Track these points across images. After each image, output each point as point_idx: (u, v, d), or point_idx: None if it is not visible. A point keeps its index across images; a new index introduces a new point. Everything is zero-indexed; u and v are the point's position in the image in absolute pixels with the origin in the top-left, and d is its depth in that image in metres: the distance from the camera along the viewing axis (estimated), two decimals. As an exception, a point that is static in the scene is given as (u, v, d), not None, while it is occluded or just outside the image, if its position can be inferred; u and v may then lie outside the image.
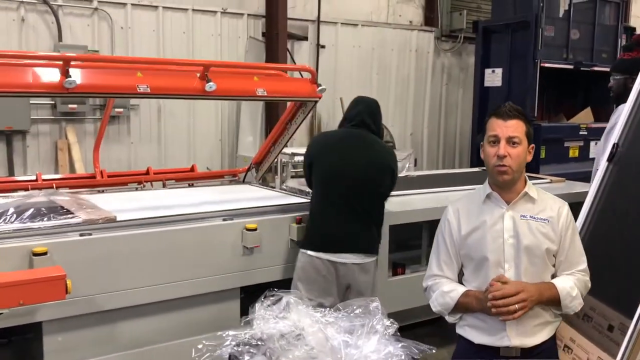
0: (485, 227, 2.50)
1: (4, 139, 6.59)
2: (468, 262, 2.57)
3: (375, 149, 3.78)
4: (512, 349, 2.45)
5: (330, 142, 3.88)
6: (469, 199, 2.65)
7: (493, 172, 2.46)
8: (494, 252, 2.47)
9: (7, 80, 3.19)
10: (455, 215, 2.60)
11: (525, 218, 2.48)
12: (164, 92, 3.75)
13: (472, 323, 2.54)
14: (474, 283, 2.54)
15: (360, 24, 9.16)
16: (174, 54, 7.47)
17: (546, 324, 2.51)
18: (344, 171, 3.66)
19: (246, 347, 2.31)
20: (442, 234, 2.63)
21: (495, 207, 2.52)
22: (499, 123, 2.44)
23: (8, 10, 6.55)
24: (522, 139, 2.43)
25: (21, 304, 2.65)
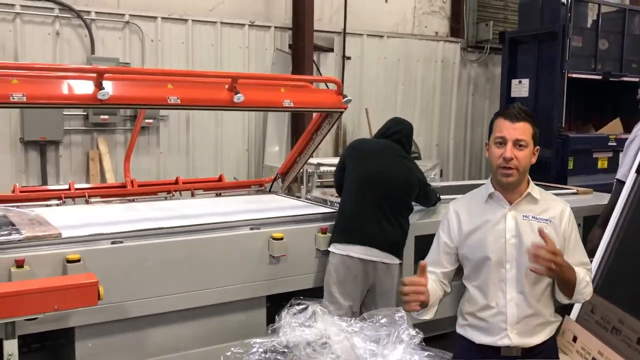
0: (487, 227, 2.49)
1: (38, 149, 6.78)
2: (469, 261, 2.55)
3: (410, 163, 4.06)
4: (513, 349, 2.44)
5: (370, 148, 4.11)
6: (471, 198, 2.64)
7: (497, 173, 2.45)
8: (496, 252, 2.46)
9: (44, 92, 3.31)
10: (456, 215, 2.59)
11: (528, 218, 2.47)
12: (194, 104, 3.83)
13: (473, 323, 2.53)
14: (475, 282, 2.53)
15: (385, 36, 9.20)
16: (202, 66, 7.60)
17: (546, 324, 2.50)
18: (380, 176, 3.86)
19: (273, 354, 2.34)
20: (441, 232, 2.63)
21: (498, 207, 2.51)
22: (506, 125, 2.42)
23: (44, 24, 6.76)
24: (529, 142, 2.43)
25: (56, 309, 2.73)
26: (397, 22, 9.41)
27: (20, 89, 3.19)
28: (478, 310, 2.53)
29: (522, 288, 2.46)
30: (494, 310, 2.48)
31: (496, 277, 2.45)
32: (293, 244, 3.84)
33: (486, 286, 2.47)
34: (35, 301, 2.68)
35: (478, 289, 2.51)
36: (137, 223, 3.68)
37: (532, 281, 2.45)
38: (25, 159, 6.76)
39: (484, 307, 2.51)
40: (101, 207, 4.35)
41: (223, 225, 3.81)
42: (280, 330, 2.51)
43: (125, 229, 3.52)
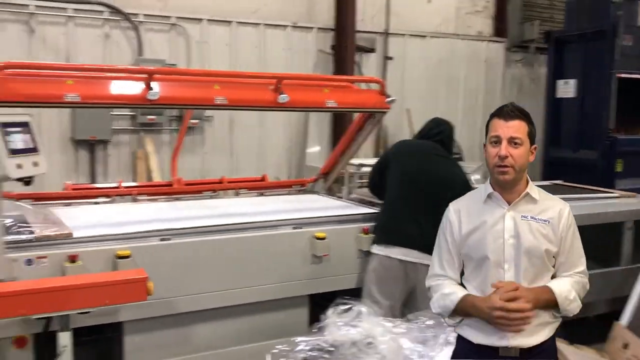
0: (485, 227, 2.49)
1: (88, 148, 7.00)
2: (468, 261, 2.55)
3: (451, 163, 4.00)
4: (512, 349, 2.42)
5: (412, 148, 4.09)
6: (471, 199, 2.63)
7: (494, 172, 2.45)
8: (494, 252, 2.45)
9: (97, 93, 3.41)
10: (457, 215, 2.59)
11: (526, 219, 2.46)
12: (240, 104, 3.89)
13: (471, 323, 2.50)
14: (473, 282, 2.53)
15: (428, 36, 9.13)
16: (245, 67, 7.69)
17: (545, 324, 2.48)
18: (422, 177, 3.83)
19: (319, 352, 2.37)
20: (444, 233, 2.62)
21: (497, 207, 2.51)
22: (500, 124, 2.43)
23: (94, 27, 6.97)
24: (524, 140, 2.42)
25: (107, 303, 2.82)
26: (439, 22, 9.34)
27: (74, 90, 3.30)
28: None
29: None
30: None
31: (495, 277, 2.44)
32: (335, 243, 3.86)
33: (485, 286, 2.46)
34: (88, 295, 2.77)
35: (477, 289, 2.50)
36: (184, 221, 3.76)
37: (530, 282, 2.45)
38: (76, 157, 6.98)
39: None
40: (149, 205, 4.45)
41: (267, 224, 3.85)
42: (325, 329, 2.55)
43: (172, 226, 3.60)
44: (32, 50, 6.68)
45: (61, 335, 2.81)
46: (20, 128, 2.93)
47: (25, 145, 2.92)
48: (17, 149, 2.86)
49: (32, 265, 3.06)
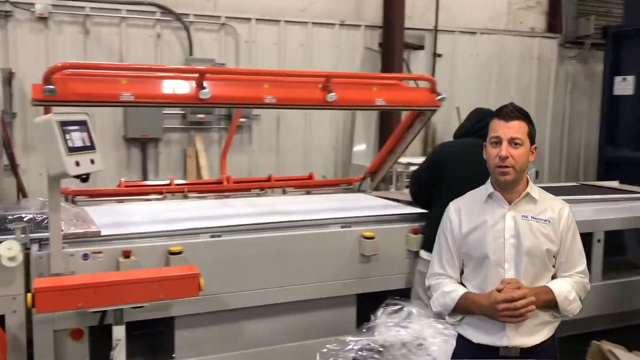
0: (486, 227, 2.50)
1: (140, 146, 7.17)
2: (468, 260, 2.56)
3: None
4: (512, 349, 2.43)
5: (460, 150, 3.82)
6: (471, 198, 2.64)
7: (495, 172, 2.46)
8: (495, 252, 2.46)
9: (150, 92, 3.48)
10: (457, 214, 2.60)
11: (527, 218, 2.47)
12: (288, 103, 3.90)
13: (472, 322, 2.51)
14: (473, 282, 2.53)
15: (478, 32, 8.97)
16: (293, 66, 7.74)
17: (545, 324, 2.48)
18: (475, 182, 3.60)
19: (369, 352, 2.35)
20: (444, 232, 2.63)
21: (497, 207, 2.52)
22: (500, 124, 2.44)
23: (146, 27, 7.14)
24: (524, 140, 2.43)
25: (160, 298, 2.87)
26: (490, 18, 9.16)
27: (129, 89, 3.38)
28: None
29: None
30: None
31: (495, 276, 2.45)
32: (384, 243, 3.82)
33: (485, 286, 2.47)
34: (143, 290, 2.83)
35: (477, 288, 2.51)
36: (233, 218, 3.80)
37: (530, 281, 2.44)
38: (128, 155, 7.17)
39: None
40: (199, 202, 4.52)
41: (315, 222, 3.85)
42: (375, 329, 2.52)
43: (222, 223, 3.64)
44: (88, 51, 6.89)
45: (116, 328, 2.87)
46: (78, 126, 3.01)
47: (83, 143, 3.00)
48: (75, 147, 2.94)
49: (88, 260, 3.15)
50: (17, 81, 6.61)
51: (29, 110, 6.59)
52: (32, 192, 6.30)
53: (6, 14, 6.54)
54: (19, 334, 3.07)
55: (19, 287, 3.04)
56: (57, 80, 3.19)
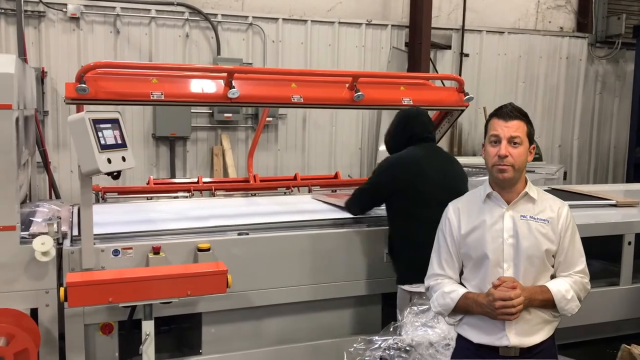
0: (485, 227, 2.50)
1: (168, 144, 7.26)
2: (467, 260, 2.56)
3: (455, 161, 3.71)
4: (511, 349, 2.43)
5: (420, 163, 3.46)
6: (470, 198, 2.64)
7: (493, 171, 2.47)
8: (494, 252, 2.46)
9: (180, 91, 3.53)
10: (456, 214, 2.60)
11: (525, 218, 2.48)
12: (316, 102, 3.92)
13: (471, 322, 2.51)
14: (473, 282, 2.53)
15: (506, 32, 8.88)
16: (319, 66, 7.76)
17: (545, 324, 2.48)
18: (443, 191, 3.27)
19: (396, 351, 2.36)
20: (443, 233, 2.63)
21: (496, 207, 2.52)
22: (500, 123, 2.45)
23: (175, 27, 7.22)
24: (523, 139, 2.44)
25: (188, 294, 2.91)
26: (518, 18, 9.06)
27: (159, 88, 3.44)
28: None
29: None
30: None
31: (494, 276, 2.44)
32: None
33: (484, 286, 2.46)
34: (171, 286, 2.87)
35: (476, 288, 2.51)
36: (260, 216, 3.84)
37: (529, 281, 2.44)
38: (156, 153, 7.27)
39: None
40: (226, 200, 4.57)
41: (341, 221, 3.87)
42: (402, 328, 2.53)
43: (249, 221, 3.68)
44: (118, 50, 7.00)
45: (145, 323, 2.92)
46: (110, 124, 3.07)
47: (115, 141, 3.06)
48: (107, 145, 3.00)
49: (119, 256, 3.21)
50: (49, 80, 6.75)
51: (60, 108, 6.73)
52: (63, 189, 6.44)
53: (39, 15, 6.68)
54: (52, 328, 3.14)
55: (52, 281, 3.12)
56: (89, 79, 3.26)
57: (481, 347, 2.48)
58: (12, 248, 3.03)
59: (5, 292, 3.02)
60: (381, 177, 3.52)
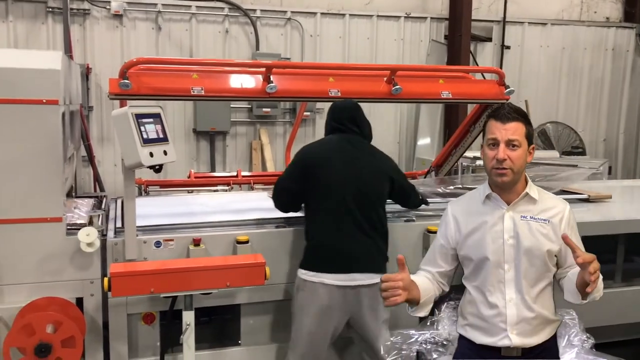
0: (485, 228, 2.48)
1: (208, 138, 7.37)
2: (468, 262, 2.55)
3: (372, 155, 3.47)
4: (513, 349, 2.42)
5: (326, 152, 3.35)
6: (469, 199, 2.63)
7: (492, 174, 2.45)
8: (494, 253, 2.45)
9: (220, 86, 3.58)
10: (454, 216, 2.60)
11: (526, 219, 2.46)
12: (353, 96, 3.89)
13: (473, 323, 2.51)
14: (474, 282, 2.53)
15: (549, 23, 8.68)
16: (357, 59, 7.75)
17: (547, 324, 2.47)
18: (347, 181, 3.24)
19: (434, 345, 2.36)
20: (438, 232, 2.66)
21: (495, 208, 2.51)
22: (497, 126, 2.41)
23: (215, 23, 7.32)
24: (522, 141, 2.41)
25: (228, 285, 2.96)
26: (562, 9, 8.84)
27: (199, 83, 3.49)
28: (478, 311, 2.51)
29: (521, 288, 2.44)
30: (494, 310, 2.46)
31: (495, 277, 2.45)
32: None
33: (485, 287, 2.47)
34: (211, 277, 2.93)
35: (477, 289, 2.51)
36: (297, 210, 3.85)
37: (530, 282, 2.44)
38: (197, 147, 7.39)
39: (484, 307, 2.49)
40: (265, 193, 4.61)
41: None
42: (439, 323, 2.53)
43: (287, 214, 3.70)
44: (159, 46, 7.13)
45: (185, 313, 2.99)
46: (152, 119, 3.13)
47: (157, 135, 3.12)
48: (149, 139, 3.06)
49: (160, 247, 3.29)
50: (94, 76, 6.94)
51: (104, 103, 6.91)
52: (107, 182, 6.61)
53: (84, 12, 6.86)
54: (96, 317, 3.24)
55: (96, 271, 3.21)
56: (132, 74, 3.33)
57: (483, 348, 2.47)
58: (59, 239, 3.13)
59: (52, 282, 3.13)
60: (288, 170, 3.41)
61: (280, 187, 3.38)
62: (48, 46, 6.73)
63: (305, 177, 3.27)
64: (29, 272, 3.10)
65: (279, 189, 3.39)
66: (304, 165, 3.31)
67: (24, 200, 3.05)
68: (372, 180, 3.31)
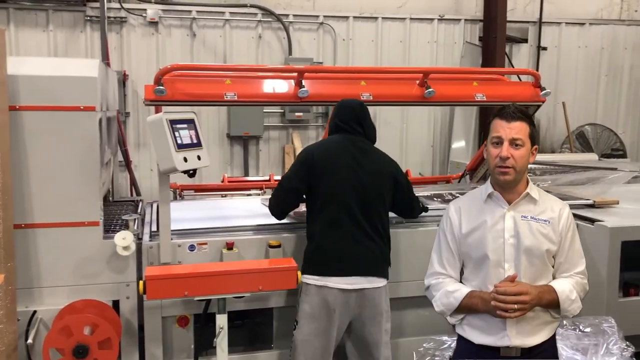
0: (485, 227, 2.50)
1: (242, 143, 7.44)
2: (468, 260, 2.57)
3: (376, 156, 3.38)
4: (512, 349, 2.44)
5: (329, 155, 3.27)
6: (471, 198, 2.65)
7: (495, 172, 2.48)
8: (495, 252, 2.47)
9: (252, 91, 3.62)
10: (457, 213, 2.61)
11: (526, 219, 2.49)
12: (386, 100, 3.90)
13: (473, 323, 2.52)
14: (474, 282, 2.54)
15: (587, 23, 8.49)
16: (390, 63, 7.72)
17: (546, 324, 2.48)
18: (351, 185, 3.20)
19: (466, 352, 2.32)
20: (444, 232, 2.63)
21: (497, 207, 2.53)
22: (502, 125, 2.45)
23: (248, 29, 7.38)
24: (525, 141, 2.44)
25: (260, 289, 2.98)
26: (601, 8, 8.63)
27: (233, 89, 3.54)
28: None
29: None
30: None
31: (495, 277, 2.45)
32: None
33: (485, 286, 2.47)
34: (244, 281, 2.94)
35: (477, 289, 2.51)
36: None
37: (530, 281, 2.44)
38: (231, 152, 7.46)
39: None
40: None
41: (412, 220, 3.82)
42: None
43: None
44: (194, 52, 7.23)
45: (219, 317, 3.01)
46: (186, 124, 3.18)
47: (191, 140, 3.17)
48: (184, 144, 3.11)
49: (194, 251, 3.33)
50: (130, 82, 7.08)
51: (141, 109, 7.04)
52: (143, 187, 6.73)
53: (121, 20, 7.01)
54: (132, 319, 3.29)
55: (132, 275, 3.27)
56: (167, 81, 3.39)
57: (482, 348, 2.48)
58: (96, 243, 3.20)
59: (90, 285, 3.20)
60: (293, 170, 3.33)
61: (287, 188, 3.30)
62: (86, 54, 6.90)
63: (309, 177, 3.23)
64: (67, 275, 3.18)
65: (285, 189, 3.30)
66: (309, 165, 3.23)
67: (62, 205, 3.13)
68: (376, 183, 3.26)
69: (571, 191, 4.39)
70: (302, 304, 3.19)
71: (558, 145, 8.48)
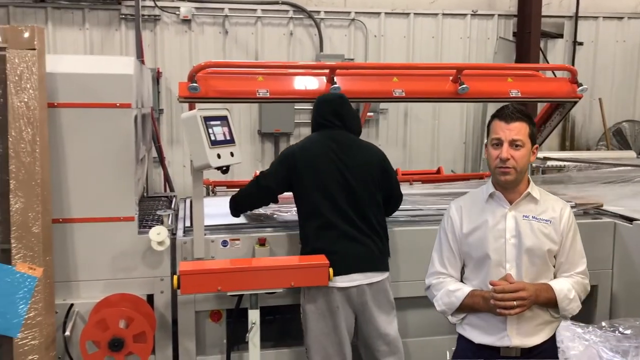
0: (487, 227, 2.50)
1: (273, 140, 7.48)
2: (469, 260, 2.57)
3: (359, 148, 3.34)
4: (512, 349, 2.45)
5: (310, 156, 3.24)
6: (472, 198, 2.64)
7: (495, 173, 2.47)
8: (496, 252, 2.47)
9: (284, 88, 3.63)
10: (458, 213, 2.60)
11: (528, 218, 2.48)
12: (418, 96, 3.88)
13: (473, 322, 2.52)
14: (474, 281, 2.54)
15: (626, 17, 8.28)
16: (422, 59, 7.65)
17: (546, 324, 2.48)
18: (336, 182, 3.18)
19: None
20: (445, 231, 2.63)
21: (498, 207, 2.52)
22: (501, 126, 2.44)
23: (280, 25, 7.41)
24: (525, 141, 2.43)
25: (292, 285, 2.99)
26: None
27: (265, 86, 3.56)
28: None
29: None
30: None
31: (495, 276, 2.45)
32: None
33: (485, 286, 2.46)
34: (276, 277, 2.96)
35: (477, 288, 2.51)
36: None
37: (531, 281, 2.44)
38: (262, 148, 7.51)
39: None
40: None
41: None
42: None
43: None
44: (227, 50, 7.29)
45: (251, 312, 3.03)
46: (219, 121, 3.21)
47: (224, 137, 3.19)
48: (217, 140, 3.13)
49: (227, 246, 3.36)
50: (164, 80, 7.17)
51: (174, 106, 7.13)
52: (176, 183, 6.82)
53: (155, 18, 7.11)
54: (166, 313, 3.34)
55: (166, 269, 3.32)
56: (200, 78, 3.43)
57: (482, 348, 2.48)
58: (131, 238, 3.25)
59: (125, 279, 3.26)
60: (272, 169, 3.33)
61: (265, 184, 3.28)
62: (121, 51, 7.01)
63: (289, 178, 3.23)
64: (103, 269, 3.24)
65: (263, 185, 3.29)
66: (289, 165, 3.23)
67: (98, 200, 3.19)
68: (362, 177, 3.22)
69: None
70: (305, 306, 3.20)
71: (594, 142, 8.30)
